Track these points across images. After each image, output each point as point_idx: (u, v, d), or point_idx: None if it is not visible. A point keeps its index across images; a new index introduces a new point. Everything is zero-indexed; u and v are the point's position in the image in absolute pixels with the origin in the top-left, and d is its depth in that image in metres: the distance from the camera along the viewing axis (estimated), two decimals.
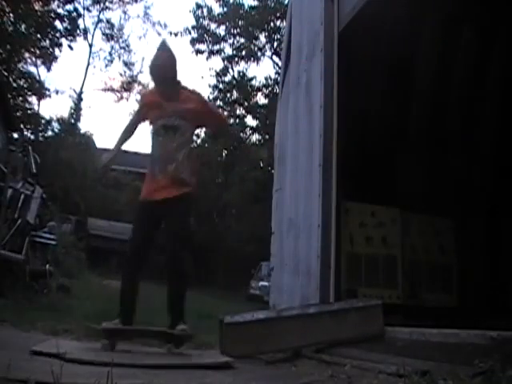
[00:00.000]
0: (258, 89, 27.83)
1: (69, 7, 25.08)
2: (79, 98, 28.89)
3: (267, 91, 27.42)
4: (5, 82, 18.10)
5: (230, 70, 27.72)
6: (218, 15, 26.65)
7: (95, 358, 3.00)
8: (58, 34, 24.33)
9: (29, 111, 23.28)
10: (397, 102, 6.64)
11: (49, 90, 26.47)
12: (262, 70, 28.26)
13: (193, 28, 26.72)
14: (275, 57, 26.25)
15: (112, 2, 30.61)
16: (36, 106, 25.64)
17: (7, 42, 19.31)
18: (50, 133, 25.62)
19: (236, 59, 27.36)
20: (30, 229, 7.02)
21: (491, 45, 6.87)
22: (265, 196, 14.23)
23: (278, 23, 25.22)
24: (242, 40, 27.04)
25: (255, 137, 28.71)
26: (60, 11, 24.58)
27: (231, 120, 28.25)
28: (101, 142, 44.42)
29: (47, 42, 23.90)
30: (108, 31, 31.16)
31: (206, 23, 26.81)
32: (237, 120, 28.31)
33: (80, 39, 29.03)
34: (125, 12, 34.41)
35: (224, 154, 28.47)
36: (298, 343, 4.04)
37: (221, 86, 27.80)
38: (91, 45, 30.74)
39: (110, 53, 31.70)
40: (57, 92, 29.52)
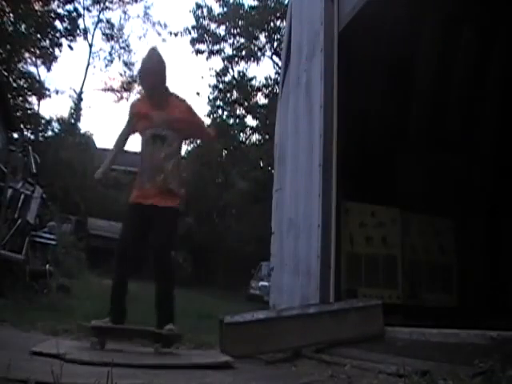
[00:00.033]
0: (258, 89, 27.82)
1: (69, 7, 25.13)
2: (79, 98, 28.93)
3: (267, 91, 27.40)
4: (5, 82, 18.10)
5: (230, 70, 27.73)
6: (218, 15, 26.64)
7: (95, 358, 3.00)
8: (58, 34, 24.36)
9: (29, 111, 23.29)
10: (397, 102, 6.64)
11: (49, 90, 26.54)
12: (262, 70, 28.29)
13: (193, 28, 26.74)
14: (275, 57, 26.24)
15: (112, 2, 30.68)
16: (36, 106, 25.69)
17: (7, 42, 19.31)
18: (50, 133, 25.68)
19: (236, 59, 27.35)
20: (30, 229, 7.03)
21: (491, 45, 6.87)
22: (265, 196, 14.23)
23: (278, 23, 25.21)
24: (242, 40, 27.03)
25: (255, 137, 28.71)
26: (60, 11, 24.63)
27: (231, 120, 28.28)
28: (101, 142, 44.47)
29: (47, 42, 23.93)
30: (108, 31, 31.26)
31: (206, 23, 26.82)
32: (237, 120, 28.31)
33: (80, 39, 29.08)
34: (125, 12, 34.45)
35: (224, 154, 28.47)
36: (298, 343, 4.05)
37: (221, 86, 27.79)
38: (91, 45, 30.82)
39: (110, 53, 31.78)
40: (57, 92, 29.60)
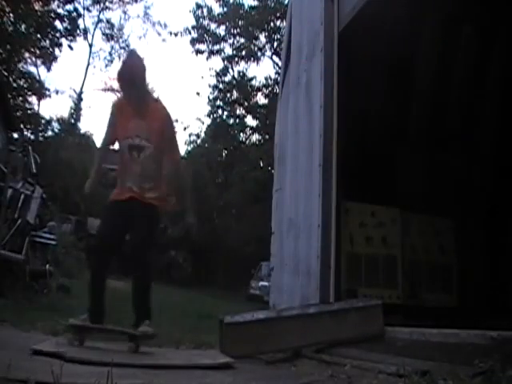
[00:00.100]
0: (258, 89, 27.86)
1: (69, 7, 25.13)
2: (79, 98, 28.98)
3: (267, 91, 27.44)
4: (5, 82, 18.10)
5: (230, 70, 27.78)
6: (218, 15, 26.67)
7: (95, 358, 3.00)
8: (58, 34, 24.37)
9: (29, 111, 23.32)
10: (397, 102, 6.64)
11: (49, 90, 26.59)
12: (262, 70, 28.31)
13: (193, 28, 26.78)
14: (275, 57, 26.27)
15: (112, 2, 30.69)
16: (36, 106, 25.73)
17: (7, 42, 19.32)
18: (50, 133, 25.75)
19: (236, 59, 27.38)
20: (30, 229, 7.02)
21: (491, 45, 6.87)
22: (265, 196, 14.23)
23: (278, 23, 25.24)
24: (242, 40, 27.05)
25: (255, 137, 28.74)
26: (60, 11, 24.64)
27: (231, 120, 28.28)
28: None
29: (47, 42, 23.94)
30: (108, 31, 31.26)
31: (206, 23, 26.86)
32: (237, 120, 28.32)
33: (80, 39, 29.07)
34: (125, 12, 34.40)
35: (224, 154, 28.47)
36: (298, 343, 4.05)
37: (221, 86, 27.82)
38: (91, 45, 30.83)
39: (110, 53, 31.74)
40: (57, 92, 29.64)
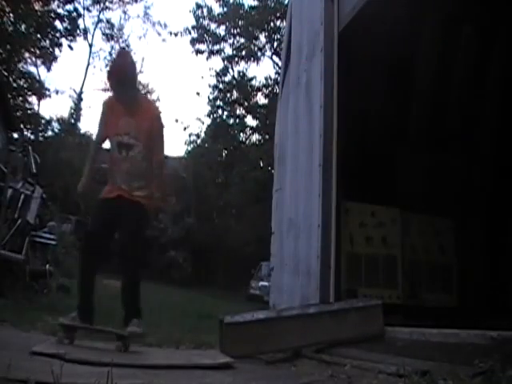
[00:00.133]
0: (258, 89, 27.83)
1: (69, 7, 25.13)
2: (79, 98, 28.99)
3: (267, 91, 27.42)
4: (5, 82, 18.10)
5: (230, 70, 27.74)
6: (218, 15, 26.65)
7: (95, 358, 3.00)
8: (58, 34, 24.37)
9: (29, 111, 23.33)
10: (397, 102, 6.64)
11: (49, 90, 26.63)
12: (262, 70, 28.28)
13: (193, 28, 26.75)
14: (275, 57, 26.25)
15: (112, 2, 30.71)
16: (36, 106, 25.75)
17: (7, 42, 19.32)
18: (50, 133, 25.75)
19: (236, 59, 27.35)
20: (30, 229, 7.02)
21: (491, 45, 6.87)
22: (265, 196, 14.22)
23: (278, 23, 25.22)
24: (242, 40, 27.03)
25: (255, 137, 28.72)
26: (60, 11, 24.65)
27: (231, 120, 28.26)
28: None
29: (47, 42, 23.95)
30: (108, 31, 31.29)
31: (206, 23, 26.83)
32: (237, 120, 28.31)
33: (80, 39, 29.11)
34: (125, 12, 34.45)
35: (224, 154, 28.46)
36: (298, 343, 4.05)
37: (221, 86, 27.80)
38: (91, 45, 30.85)
39: (110, 53, 31.69)
40: (57, 92, 29.64)
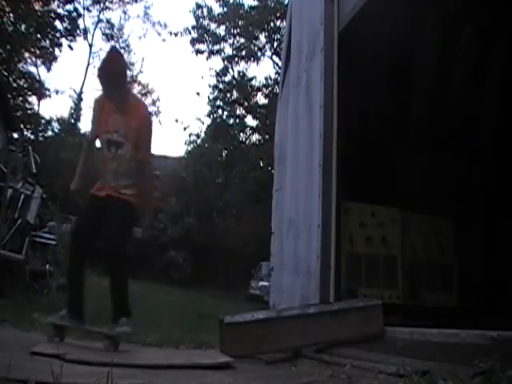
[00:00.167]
0: (258, 89, 27.83)
1: (69, 7, 25.12)
2: (79, 98, 28.98)
3: (267, 91, 27.41)
4: (5, 82, 18.09)
5: (230, 70, 27.74)
6: (218, 15, 26.64)
7: (95, 358, 3.00)
8: (58, 34, 24.36)
9: (29, 111, 23.32)
10: (397, 102, 6.64)
11: (49, 90, 26.65)
12: (262, 70, 28.27)
13: (193, 28, 26.75)
14: (275, 57, 26.25)
15: (112, 2, 30.72)
16: (36, 106, 25.74)
17: (7, 42, 19.31)
18: (50, 133, 25.73)
19: (236, 59, 27.35)
20: (30, 229, 7.03)
21: (491, 45, 6.87)
22: (265, 196, 14.22)
23: (278, 23, 25.21)
24: (242, 40, 27.02)
25: (255, 137, 28.71)
26: (60, 11, 24.64)
27: (231, 120, 28.25)
28: None
29: (47, 42, 23.94)
30: (108, 31, 31.28)
31: (206, 23, 26.83)
32: (237, 120, 28.30)
33: (80, 39, 29.09)
34: (125, 12, 34.41)
35: (224, 154, 28.45)
36: (298, 343, 4.05)
37: (221, 86, 27.79)
38: (91, 45, 30.85)
39: None
40: (57, 92, 29.64)
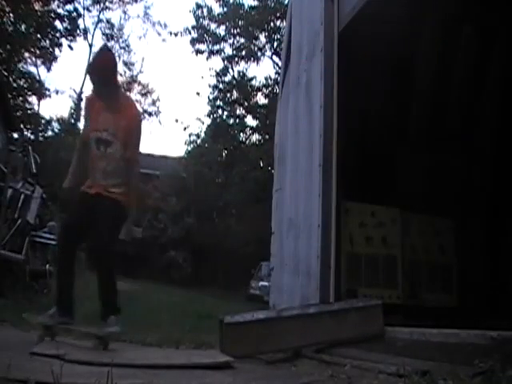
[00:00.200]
0: (258, 89, 27.79)
1: (69, 7, 25.04)
2: (79, 98, 28.92)
3: (267, 91, 27.38)
4: (5, 82, 18.07)
5: (230, 70, 27.69)
6: (218, 15, 26.62)
7: (95, 358, 3.00)
8: (58, 34, 24.30)
9: (29, 111, 23.29)
10: (397, 102, 6.64)
11: (49, 90, 26.60)
12: (262, 70, 28.24)
13: (193, 28, 26.71)
14: (275, 57, 26.22)
15: (112, 2, 30.68)
16: (36, 106, 25.71)
17: (7, 42, 19.28)
18: (50, 133, 25.70)
19: (236, 59, 27.32)
20: (30, 229, 7.03)
21: (491, 45, 6.87)
22: (265, 196, 14.21)
23: (278, 23, 25.18)
24: (242, 40, 26.99)
25: (255, 137, 28.68)
26: (60, 11, 24.55)
27: (231, 120, 28.25)
28: None
29: (47, 42, 23.90)
30: (108, 31, 31.24)
31: (206, 23, 26.79)
32: (237, 120, 28.29)
33: (80, 39, 29.06)
34: (125, 12, 34.35)
35: (224, 154, 28.44)
36: (298, 343, 4.04)
37: (221, 86, 27.76)
38: (91, 45, 30.76)
39: None
40: (57, 92, 29.65)
